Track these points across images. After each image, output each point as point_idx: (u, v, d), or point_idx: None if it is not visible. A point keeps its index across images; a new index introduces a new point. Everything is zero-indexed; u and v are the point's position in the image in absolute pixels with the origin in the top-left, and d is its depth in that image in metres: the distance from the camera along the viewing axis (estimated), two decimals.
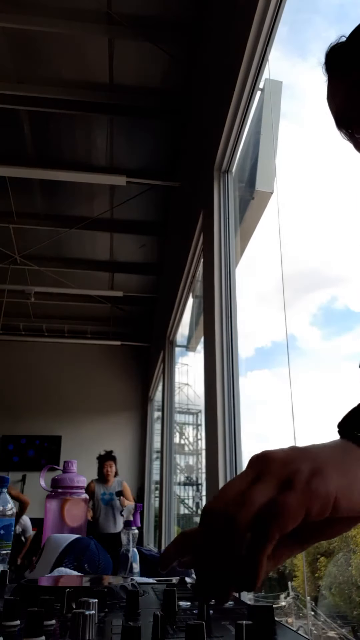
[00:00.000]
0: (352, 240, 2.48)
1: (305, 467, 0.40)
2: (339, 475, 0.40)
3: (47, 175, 4.97)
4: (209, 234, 3.10)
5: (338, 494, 0.39)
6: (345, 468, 0.41)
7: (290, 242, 2.33)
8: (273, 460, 0.41)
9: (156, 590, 0.83)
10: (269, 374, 4.20)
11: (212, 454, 2.65)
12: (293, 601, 3.47)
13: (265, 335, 3.88)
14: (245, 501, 0.39)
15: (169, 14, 3.75)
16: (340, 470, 0.40)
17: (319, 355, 2.63)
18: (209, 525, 0.40)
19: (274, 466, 0.41)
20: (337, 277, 4.43)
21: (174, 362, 6.10)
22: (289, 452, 0.42)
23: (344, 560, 3.16)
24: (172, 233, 5.66)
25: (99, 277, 7.48)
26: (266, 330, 3.74)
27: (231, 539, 0.38)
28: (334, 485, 0.39)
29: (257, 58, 2.37)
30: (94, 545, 1.15)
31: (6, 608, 0.56)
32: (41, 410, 9.00)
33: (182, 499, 7.55)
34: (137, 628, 0.46)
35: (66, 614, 0.63)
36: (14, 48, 4.03)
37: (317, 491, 0.39)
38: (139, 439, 9.35)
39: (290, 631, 0.57)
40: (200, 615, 0.58)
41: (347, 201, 2.28)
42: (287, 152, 2.82)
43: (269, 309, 3.66)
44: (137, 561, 1.31)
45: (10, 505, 1.14)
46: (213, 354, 2.76)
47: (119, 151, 5.17)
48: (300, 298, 3.33)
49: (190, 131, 4.29)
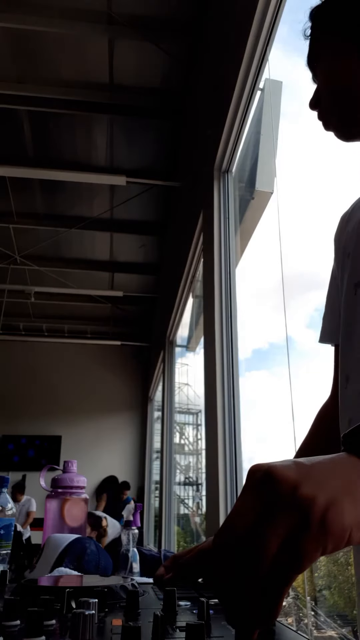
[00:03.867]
0: None
1: (320, 497, 0.36)
2: (353, 506, 0.37)
3: (47, 175, 4.97)
4: (209, 234, 3.10)
5: (353, 528, 0.37)
6: (357, 495, 0.38)
7: (290, 242, 2.33)
8: (280, 485, 0.37)
9: (156, 590, 0.83)
10: (267, 374, 4.19)
11: (212, 454, 2.65)
12: (293, 601, 3.47)
13: (263, 336, 3.88)
14: (260, 547, 0.37)
15: (169, 14, 3.75)
16: (354, 499, 0.37)
17: (318, 356, 2.61)
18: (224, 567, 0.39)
19: (283, 494, 0.37)
20: None
21: (174, 362, 6.10)
22: (296, 471, 0.38)
23: (344, 560, 3.17)
24: (172, 233, 5.66)
25: (99, 277, 7.48)
26: (264, 331, 3.74)
27: (249, 585, 0.37)
28: (349, 519, 0.37)
29: (257, 58, 2.37)
30: (94, 545, 1.15)
31: (6, 608, 0.56)
32: (41, 410, 9.00)
33: (182, 499, 7.55)
34: (137, 628, 0.47)
35: (66, 614, 0.63)
36: (14, 48, 4.03)
37: (333, 529, 0.36)
38: (139, 439, 9.35)
39: (290, 631, 0.57)
40: (200, 615, 0.58)
41: (347, 201, 2.27)
42: (287, 152, 2.82)
43: (267, 310, 3.66)
44: (137, 561, 1.31)
45: (10, 505, 1.14)
46: (213, 353, 2.76)
47: (119, 151, 5.17)
48: (298, 298, 3.32)
49: (190, 131, 4.29)
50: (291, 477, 0.38)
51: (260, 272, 3.39)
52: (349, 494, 0.37)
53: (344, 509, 0.37)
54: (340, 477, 0.39)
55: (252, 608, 0.37)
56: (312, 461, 0.40)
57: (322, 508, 0.36)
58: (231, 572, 0.38)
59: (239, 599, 0.38)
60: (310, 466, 0.39)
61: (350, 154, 0.78)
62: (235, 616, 0.39)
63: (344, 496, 0.37)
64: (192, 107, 4.17)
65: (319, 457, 0.41)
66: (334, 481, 0.38)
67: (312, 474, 0.38)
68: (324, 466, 0.39)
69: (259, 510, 0.38)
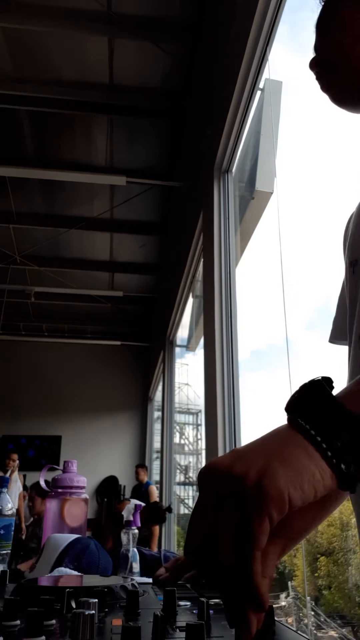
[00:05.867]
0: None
1: (251, 469, 0.39)
2: (286, 469, 0.39)
3: (47, 175, 4.97)
4: (209, 234, 3.10)
5: (290, 488, 0.38)
6: (289, 457, 0.40)
7: (290, 242, 2.33)
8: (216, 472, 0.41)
9: (156, 590, 0.83)
10: (266, 375, 4.20)
11: (212, 454, 2.65)
12: (293, 601, 3.47)
13: (262, 337, 3.88)
14: (217, 536, 0.40)
15: (169, 14, 3.75)
16: (285, 463, 0.40)
17: (316, 356, 2.61)
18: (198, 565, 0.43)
19: (220, 480, 0.41)
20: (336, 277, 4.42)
21: (174, 362, 6.10)
22: (229, 458, 0.42)
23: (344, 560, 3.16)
24: (172, 233, 5.66)
25: (99, 277, 7.48)
26: (262, 332, 3.74)
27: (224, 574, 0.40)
28: (283, 481, 0.39)
29: (257, 58, 2.37)
30: (94, 545, 1.15)
31: (6, 608, 0.56)
32: (41, 410, 9.00)
33: (182, 499, 7.55)
34: (137, 628, 0.47)
35: (66, 614, 0.63)
36: (14, 48, 4.03)
37: (270, 493, 0.38)
38: (139, 439, 9.35)
39: (290, 631, 0.57)
40: (200, 615, 0.58)
41: (348, 201, 2.27)
42: (287, 152, 2.82)
43: (266, 310, 3.66)
44: (137, 561, 1.31)
45: (10, 505, 1.14)
46: (213, 353, 2.76)
47: (119, 151, 5.17)
48: (297, 299, 3.33)
49: (190, 131, 4.29)
50: (224, 463, 0.41)
51: (260, 272, 3.39)
52: (280, 459, 0.40)
53: (276, 472, 0.39)
54: (273, 446, 0.42)
55: (238, 596, 0.39)
56: (248, 444, 0.43)
57: (254, 477, 0.39)
58: (206, 567, 0.41)
59: (225, 593, 0.41)
60: (242, 449, 0.43)
61: (351, 154, 0.77)
62: (229, 610, 0.41)
63: (275, 463, 0.40)
64: (192, 107, 4.17)
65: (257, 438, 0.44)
66: (265, 452, 0.41)
67: (243, 455, 0.41)
68: (256, 443, 0.43)
69: (209, 503, 0.42)
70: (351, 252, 0.80)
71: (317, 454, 0.40)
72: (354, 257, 0.78)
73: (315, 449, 0.41)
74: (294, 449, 0.41)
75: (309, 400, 0.44)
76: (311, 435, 0.41)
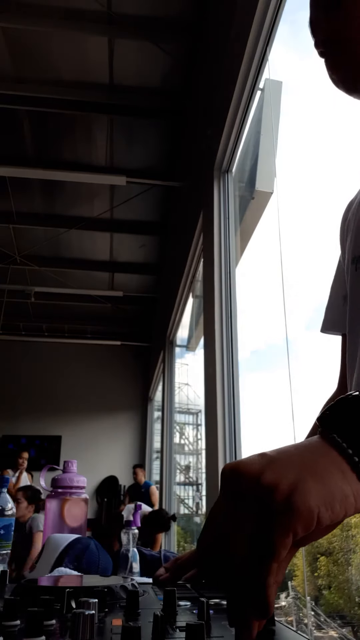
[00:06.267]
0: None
1: (283, 481, 0.37)
2: (319, 486, 0.37)
3: (47, 175, 4.97)
4: (209, 234, 3.10)
5: (320, 507, 0.37)
6: (323, 475, 0.38)
7: (291, 243, 2.33)
8: (244, 478, 0.39)
9: (156, 590, 0.83)
10: (266, 375, 4.20)
11: (212, 454, 2.65)
12: (293, 601, 3.47)
13: (262, 337, 3.88)
14: (232, 542, 0.39)
15: (169, 14, 3.75)
16: (319, 479, 0.38)
17: (316, 356, 2.62)
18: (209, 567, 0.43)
19: (247, 487, 0.38)
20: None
21: (174, 362, 6.11)
22: (259, 463, 0.39)
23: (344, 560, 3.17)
24: (172, 233, 5.66)
25: (99, 277, 7.48)
26: (262, 332, 3.74)
27: (234, 582, 0.39)
28: (315, 499, 0.37)
29: (257, 58, 2.37)
30: (94, 545, 1.15)
31: (6, 608, 0.56)
32: (41, 410, 9.00)
33: (182, 499, 7.55)
34: (137, 628, 0.46)
35: (66, 614, 0.63)
36: (14, 48, 4.03)
37: (300, 509, 0.36)
38: (139, 439, 9.35)
39: (290, 631, 0.57)
40: (200, 615, 0.58)
41: (347, 200, 2.27)
42: (287, 152, 2.82)
43: (266, 310, 3.66)
44: (137, 561, 1.31)
45: (10, 505, 1.14)
46: (213, 353, 2.76)
47: (119, 151, 5.17)
48: (297, 299, 3.33)
49: (190, 131, 4.29)
50: (254, 469, 0.39)
51: (259, 272, 3.40)
52: (313, 475, 0.38)
53: (309, 489, 0.37)
54: (307, 460, 0.39)
55: (244, 601, 0.38)
56: (279, 450, 0.41)
57: (285, 491, 0.37)
58: (215, 563, 0.40)
59: (231, 595, 0.39)
60: (274, 455, 0.40)
61: (350, 154, 0.76)
62: (233, 612, 0.40)
63: (308, 477, 0.37)
64: (192, 107, 4.17)
65: (287, 445, 0.41)
66: (298, 465, 0.39)
67: (275, 463, 0.39)
68: (289, 452, 0.40)
69: (231, 506, 0.40)
70: (355, 248, 0.78)
71: (353, 475, 0.38)
72: (358, 253, 0.77)
73: (351, 469, 0.38)
74: (328, 466, 0.39)
75: (347, 417, 0.41)
76: (348, 454, 0.39)
